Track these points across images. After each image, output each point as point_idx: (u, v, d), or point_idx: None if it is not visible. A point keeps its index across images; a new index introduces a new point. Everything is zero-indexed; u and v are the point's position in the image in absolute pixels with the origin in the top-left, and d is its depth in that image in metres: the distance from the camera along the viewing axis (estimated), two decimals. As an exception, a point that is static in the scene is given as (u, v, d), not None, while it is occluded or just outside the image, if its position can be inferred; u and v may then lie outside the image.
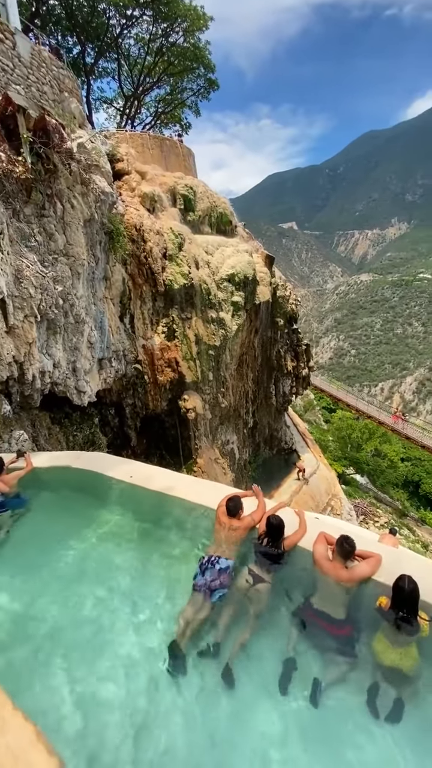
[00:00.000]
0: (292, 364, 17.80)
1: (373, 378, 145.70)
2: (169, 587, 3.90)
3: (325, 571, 3.46)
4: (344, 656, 3.22)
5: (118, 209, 11.11)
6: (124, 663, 3.24)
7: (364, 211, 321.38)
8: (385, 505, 26.49)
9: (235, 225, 16.06)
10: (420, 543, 20.20)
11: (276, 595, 3.66)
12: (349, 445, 28.24)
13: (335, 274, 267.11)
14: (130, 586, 3.99)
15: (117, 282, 10.73)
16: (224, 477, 13.04)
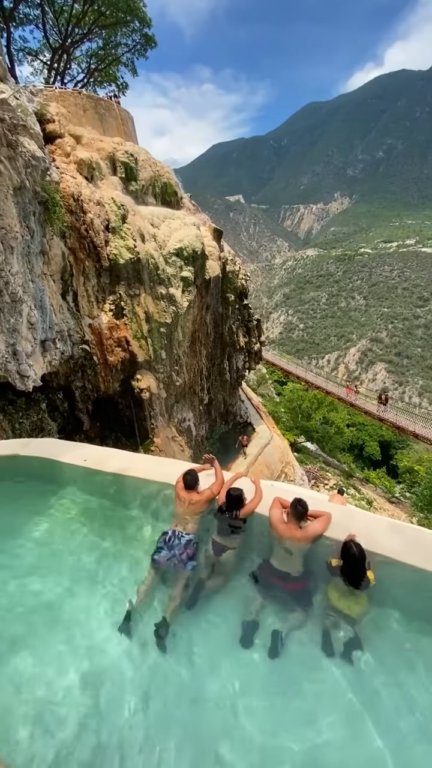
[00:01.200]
0: (244, 339, 18.00)
1: (320, 350, 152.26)
2: (136, 565, 3.93)
3: (281, 533, 3.66)
4: (301, 608, 3.49)
5: (53, 177, 10.22)
6: (96, 638, 3.30)
7: (309, 185, 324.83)
8: (334, 468, 28.41)
9: (181, 196, 15.50)
10: (365, 500, 22.02)
11: (239, 560, 3.86)
12: (300, 415, 29.62)
13: (282, 249, 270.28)
14: (93, 569, 3.97)
15: (56, 257, 10.01)
16: (182, 454, 13.14)
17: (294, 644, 3.24)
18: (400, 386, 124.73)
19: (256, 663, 3.11)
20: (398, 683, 2.94)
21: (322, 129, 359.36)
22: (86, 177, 11.33)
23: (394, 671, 3.01)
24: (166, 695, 2.95)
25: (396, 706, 2.82)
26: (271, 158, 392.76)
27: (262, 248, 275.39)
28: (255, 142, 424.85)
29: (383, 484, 28.41)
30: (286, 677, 3.05)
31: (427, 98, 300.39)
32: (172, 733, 2.72)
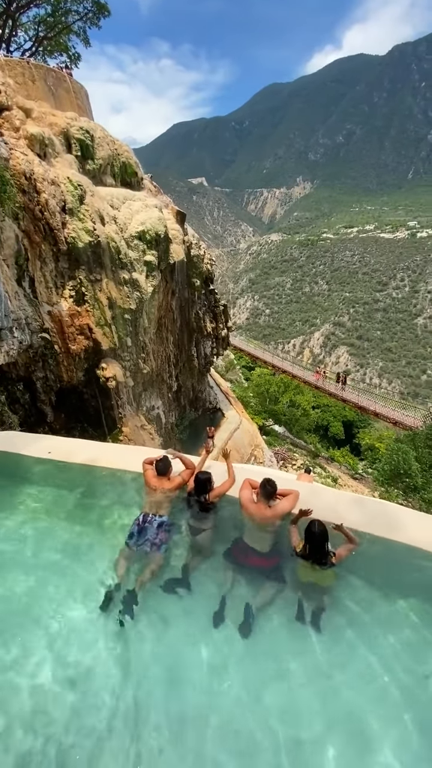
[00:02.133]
0: (211, 325, 17.93)
1: (286, 335, 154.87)
2: (112, 553, 3.90)
3: (251, 512, 3.76)
4: (272, 583, 3.61)
5: (1, 153, 9.51)
6: (70, 629, 3.28)
7: (271, 168, 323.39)
8: (301, 449, 29.37)
9: (142, 177, 14.95)
10: (330, 477, 23.02)
11: (214, 540, 3.95)
12: (268, 399, 30.19)
13: (247, 234, 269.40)
14: (66, 562, 3.90)
15: (9, 240, 9.41)
16: (152, 442, 13.05)
17: (267, 617, 3.37)
18: (361, 368, 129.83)
19: (232, 637, 3.21)
20: (365, 646, 3.13)
21: (283, 111, 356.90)
22: (38, 154, 10.64)
23: (361, 635, 3.20)
24: (146, 674, 3.01)
25: (365, 667, 3.01)
26: (233, 140, 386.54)
27: (227, 232, 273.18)
28: (217, 123, 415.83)
29: (347, 462, 29.76)
30: (260, 649, 3.16)
31: (384, 84, 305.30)
32: (151, 712, 2.77)
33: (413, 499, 14.58)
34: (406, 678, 2.88)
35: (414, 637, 3.12)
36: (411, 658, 2.99)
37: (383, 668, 2.96)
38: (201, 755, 2.56)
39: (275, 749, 2.56)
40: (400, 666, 2.96)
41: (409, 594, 3.38)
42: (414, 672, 2.90)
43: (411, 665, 2.95)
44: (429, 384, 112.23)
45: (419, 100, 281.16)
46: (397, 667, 2.95)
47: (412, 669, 2.92)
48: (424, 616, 3.22)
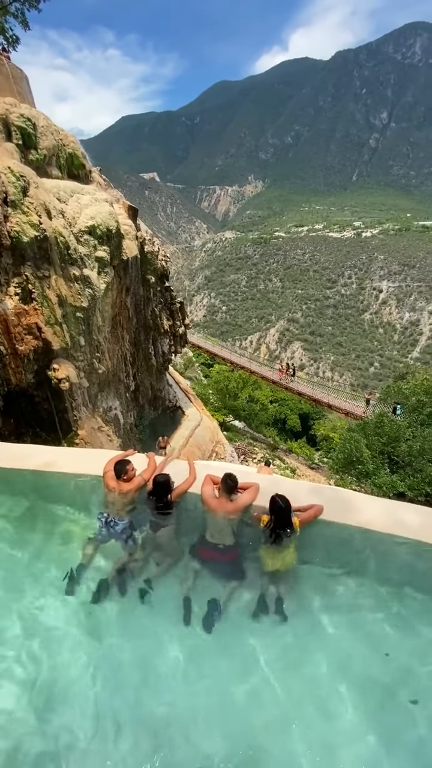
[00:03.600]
0: (168, 322, 17.73)
1: (243, 332, 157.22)
2: (65, 562, 3.76)
3: (213, 508, 3.79)
4: (235, 576, 3.69)
5: None
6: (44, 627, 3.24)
7: (224, 166, 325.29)
8: (260, 443, 30.05)
9: (90, 170, 14.40)
10: (289, 469, 23.79)
11: (176, 537, 3.96)
12: (227, 395, 30.53)
13: (201, 231, 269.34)
14: (26, 573, 3.72)
15: None
16: (110, 444, 12.70)
17: (231, 611, 3.42)
18: (315, 362, 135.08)
19: (198, 634, 3.22)
20: (325, 627, 3.28)
21: (233, 109, 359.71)
22: (-26, 140, 9.88)
23: (324, 620, 3.33)
24: (112, 674, 2.98)
25: (330, 651, 3.14)
26: (184, 136, 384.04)
27: (181, 229, 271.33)
28: (167, 118, 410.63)
29: (304, 453, 30.90)
30: (226, 643, 3.21)
31: (328, 88, 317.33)
32: (118, 716, 2.73)
33: (365, 484, 15.45)
34: (371, 658, 3.05)
35: (373, 617, 3.31)
36: (371, 638, 3.17)
37: (346, 651, 3.11)
38: (170, 754, 2.55)
39: (247, 744, 2.61)
40: (363, 647, 3.13)
41: (364, 575, 3.58)
42: (376, 651, 3.09)
43: (373, 644, 3.13)
44: (377, 376, 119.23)
45: (361, 107, 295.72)
46: (360, 649, 3.12)
47: (374, 648, 3.10)
48: (380, 596, 3.43)
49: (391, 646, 3.12)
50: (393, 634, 3.19)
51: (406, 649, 3.10)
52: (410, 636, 3.18)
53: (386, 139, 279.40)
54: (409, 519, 3.56)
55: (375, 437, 16.24)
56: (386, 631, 3.21)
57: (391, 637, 3.18)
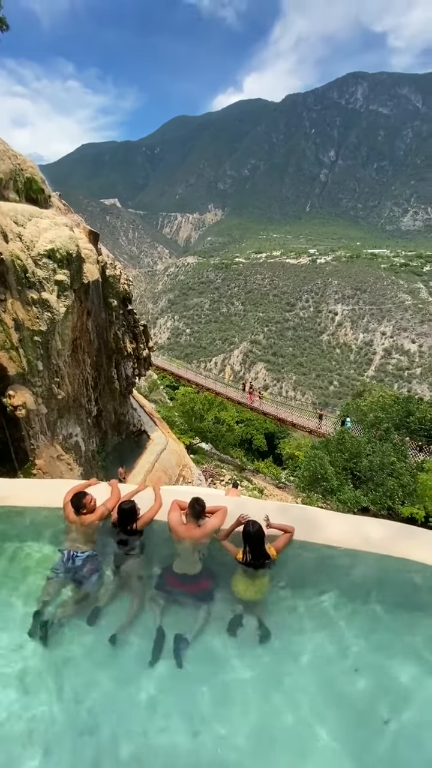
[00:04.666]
0: (131, 345, 17.55)
1: (208, 354, 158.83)
2: (25, 602, 3.47)
3: (180, 534, 3.67)
4: (205, 607, 3.53)
5: None
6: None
7: (184, 194, 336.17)
8: (228, 464, 29.92)
9: (49, 195, 14.31)
10: (257, 489, 23.76)
11: (142, 569, 3.77)
12: (193, 417, 30.32)
13: (164, 256, 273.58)
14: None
15: None
16: (71, 473, 12.11)
17: (204, 640, 3.28)
18: (278, 382, 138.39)
19: (169, 667, 3.04)
20: (300, 650, 3.21)
21: (192, 142, 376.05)
22: None
23: (294, 640, 3.27)
24: (76, 718, 2.74)
25: (301, 672, 3.07)
26: (145, 165, 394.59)
27: (143, 254, 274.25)
28: (128, 147, 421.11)
29: (271, 472, 31.09)
30: (199, 674, 3.05)
31: (280, 127, 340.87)
32: (84, 759, 2.51)
33: (331, 501, 15.73)
34: (346, 679, 3.00)
35: (345, 635, 3.29)
36: (347, 658, 3.14)
37: (323, 674, 3.05)
38: None
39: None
40: (339, 668, 3.08)
41: (334, 592, 3.57)
42: (350, 670, 3.05)
43: (348, 664, 3.09)
44: (336, 394, 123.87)
45: (311, 144, 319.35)
46: (336, 670, 3.06)
47: (348, 668, 3.06)
48: (352, 612, 3.43)
49: (365, 662, 3.11)
50: (366, 650, 3.18)
51: (379, 664, 3.10)
52: (383, 651, 3.18)
53: (335, 174, 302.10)
54: (374, 533, 3.64)
55: (338, 454, 16.70)
56: (359, 647, 3.19)
57: (363, 653, 3.17)
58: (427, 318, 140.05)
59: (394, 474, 14.89)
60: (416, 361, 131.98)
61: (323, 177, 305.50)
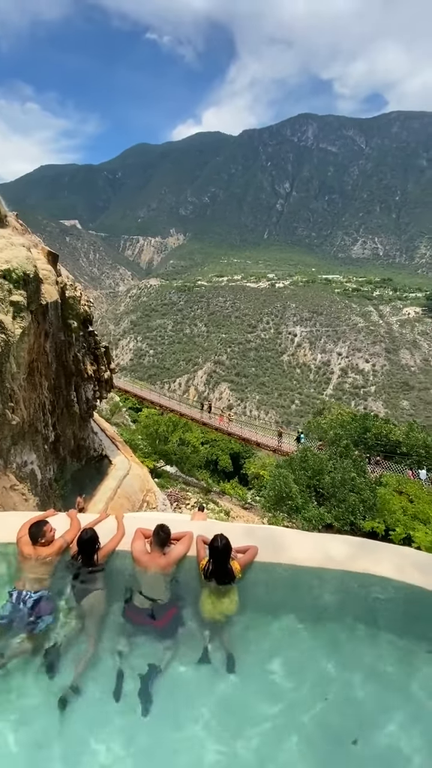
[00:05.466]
0: (92, 367, 17.12)
1: (171, 374, 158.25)
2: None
3: (144, 564, 3.54)
4: (173, 636, 3.39)
5: None
6: None
7: (146, 218, 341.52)
8: (193, 486, 29.46)
9: (6, 214, 13.98)
10: (223, 511, 23.50)
11: (105, 604, 3.55)
12: (157, 439, 29.77)
13: (126, 278, 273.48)
14: None
15: None
16: (25, 504, 11.36)
17: (173, 673, 3.12)
18: (242, 402, 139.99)
19: (135, 707, 2.85)
20: (271, 675, 3.13)
21: (154, 169, 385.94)
22: None
23: (265, 665, 3.19)
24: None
25: (273, 698, 2.98)
26: (106, 188, 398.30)
27: (105, 275, 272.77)
28: (88, 170, 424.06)
29: (237, 493, 30.95)
30: (168, 711, 2.88)
31: (238, 159, 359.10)
32: None
33: (296, 519, 15.87)
34: (318, 704, 2.96)
35: (316, 656, 3.26)
36: (319, 682, 3.09)
37: (295, 699, 2.99)
38: None
39: None
40: (310, 692, 3.02)
41: (303, 613, 3.56)
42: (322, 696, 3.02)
43: (320, 688, 3.04)
44: (298, 412, 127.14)
45: (267, 176, 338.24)
46: (307, 695, 3.01)
47: (320, 693, 3.02)
48: (314, 633, 3.43)
49: (331, 681, 3.09)
50: (332, 669, 3.17)
51: (345, 681, 3.09)
52: (348, 669, 3.19)
53: (290, 204, 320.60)
54: (336, 551, 3.71)
55: (301, 472, 17.01)
56: (325, 667, 3.17)
57: (329, 673, 3.15)
58: (378, 339, 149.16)
59: (355, 489, 15.36)
60: (370, 379, 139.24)
61: (279, 207, 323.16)
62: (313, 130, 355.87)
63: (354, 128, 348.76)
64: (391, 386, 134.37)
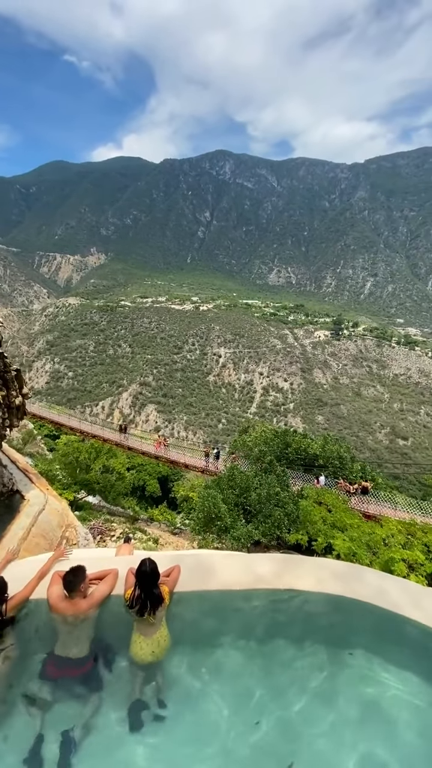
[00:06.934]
0: (1, 393, 15.56)
1: (94, 397, 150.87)
2: None
3: (62, 611, 3.22)
4: (99, 688, 3.11)
5: None
6: None
7: (64, 236, 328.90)
8: (119, 516, 27.91)
9: None
10: (151, 539, 22.57)
11: (16, 664, 3.12)
12: (78, 468, 27.75)
13: (41, 295, 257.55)
14: None
15: None
16: None
17: (100, 730, 2.84)
18: (169, 423, 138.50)
19: None
20: (209, 713, 3.02)
21: (72, 187, 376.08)
22: None
23: (202, 703, 3.08)
24: None
25: (213, 737, 2.87)
26: (19, 202, 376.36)
27: (17, 292, 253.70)
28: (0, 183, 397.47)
29: (166, 519, 30.04)
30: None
31: (160, 185, 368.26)
32: None
33: (225, 539, 15.92)
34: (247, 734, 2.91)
35: (254, 684, 3.23)
36: (250, 706, 3.05)
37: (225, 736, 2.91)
38: None
39: None
40: (241, 724, 2.96)
41: (230, 638, 3.53)
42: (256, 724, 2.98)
43: (259, 716, 3.00)
44: (225, 431, 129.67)
45: (188, 204, 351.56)
46: (237, 726, 2.94)
47: (253, 722, 2.98)
48: (246, 658, 3.42)
49: (265, 707, 3.08)
50: (264, 695, 3.17)
51: (279, 704, 3.12)
52: (280, 691, 3.23)
53: (211, 233, 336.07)
54: (262, 570, 3.80)
55: (229, 490, 17.24)
56: (263, 698, 3.14)
57: (262, 698, 3.15)
58: (294, 360, 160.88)
59: (280, 504, 16.00)
60: (289, 396, 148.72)
61: (201, 234, 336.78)
62: (230, 166, 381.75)
63: (266, 168, 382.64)
64: (308, 403, 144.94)
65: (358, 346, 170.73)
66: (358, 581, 3.77)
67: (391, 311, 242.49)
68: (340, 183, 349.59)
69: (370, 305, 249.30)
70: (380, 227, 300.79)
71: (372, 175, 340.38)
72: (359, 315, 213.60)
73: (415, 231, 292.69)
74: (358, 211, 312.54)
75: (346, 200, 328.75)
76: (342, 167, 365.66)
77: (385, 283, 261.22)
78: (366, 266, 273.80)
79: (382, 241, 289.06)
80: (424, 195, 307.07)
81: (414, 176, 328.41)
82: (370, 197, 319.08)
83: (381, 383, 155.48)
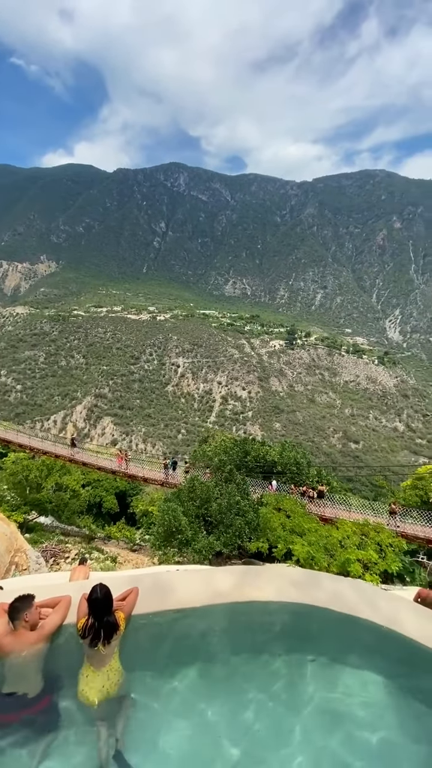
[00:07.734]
0: None
1: (45, 412, 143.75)
2: None
3: (7, 647, 2.95)
4: (49, 729, 2.87)
5: None
6: None
7: (11, 242, 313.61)
8: (74, 536, 26.52)
9: None
10: (109, 559, 21.65)
11: None
12: (28, 487, 26.10)
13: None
14: None
15: None
16: None
17: None
18: (127, 436, 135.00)
19: None
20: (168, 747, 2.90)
21: (20, 192, 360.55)
22: None
23: (161, 737, 2.94)
24: None
25: None
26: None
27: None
28: None
29: (125, 536, 28.99)
30: None
31: (113, 194, 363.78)
32: None
33: (187, 552, 15.66)
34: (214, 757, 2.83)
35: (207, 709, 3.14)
36: (213, 730, 2.98)
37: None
38: None
39: None
40: (206, 747, 2.88)
41: (190, 660, 3.43)
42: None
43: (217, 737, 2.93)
44: (185, 441, 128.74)
45: (143, 214, 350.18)
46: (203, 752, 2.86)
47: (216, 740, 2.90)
48: (210, 682, 3.33)
49: (228, 727, 3.01)
50: (227, 715, 3.10)
51: (242, 722, 3.06)
52: (242, 707, 3.18)
53: (167, 243, 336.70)
54: (222, 584, 3.75)
55: (189, 502, 17.03)
56: (226, 723, 3.07)
57: (225, 719, 3.08)
58: (251, 369, 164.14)
59: (240, 513, 16.05)
60: (247, 405, 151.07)
61: (156, 244, 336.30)
62: (184, 178, 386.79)
63: (220, 182, 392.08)
64: (265, 410, 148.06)
65: (310, 354, 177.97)
66: (316, 587, 3.84)
67: (340, 321, 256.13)
68: (291, 199, 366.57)
69: (320, 316, 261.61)
70: (328, 242, 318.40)
71: (320, 193, 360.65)
72: (311, 325, 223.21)
73: (360, 247, 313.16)
74: (308, 227, 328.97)
75: (296, 216, 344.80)
76: (292, 184, 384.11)
77: (334, 294, 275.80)
78: (316, 279, 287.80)
79: (330, 255, 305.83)
80: (366, 213, 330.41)
81: (357, 196, 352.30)
82: (318, 214, 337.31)
83: (333, 390, 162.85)
